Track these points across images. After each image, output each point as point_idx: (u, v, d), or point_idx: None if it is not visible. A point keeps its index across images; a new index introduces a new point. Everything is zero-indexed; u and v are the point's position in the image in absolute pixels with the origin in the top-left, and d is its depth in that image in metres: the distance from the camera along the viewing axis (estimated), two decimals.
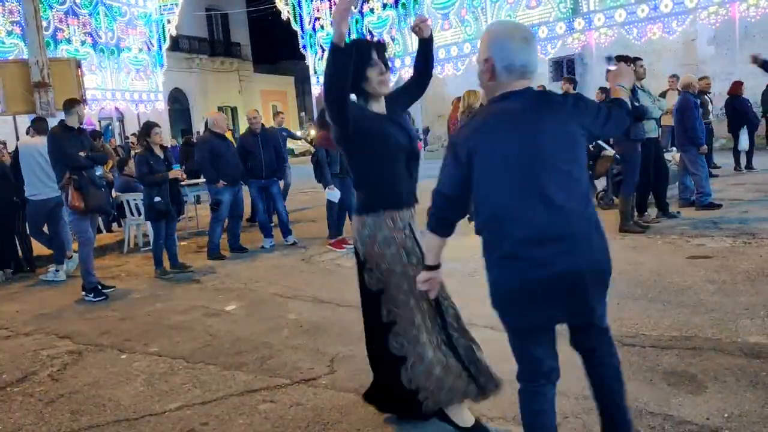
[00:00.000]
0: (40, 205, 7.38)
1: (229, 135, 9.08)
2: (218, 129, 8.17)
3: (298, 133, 25.40)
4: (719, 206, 7.95)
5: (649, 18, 16.63)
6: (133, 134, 19.23)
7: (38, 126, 7.80)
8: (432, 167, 10.86)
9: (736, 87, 11.61)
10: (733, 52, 16.22)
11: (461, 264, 6.31)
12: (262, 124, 8.66)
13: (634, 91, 7.08)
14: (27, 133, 8.40)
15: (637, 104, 6.92)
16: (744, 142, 11.40)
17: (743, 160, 11.61)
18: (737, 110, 11.22)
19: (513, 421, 3.05)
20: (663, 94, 11.00)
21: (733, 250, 5.94)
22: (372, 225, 2.86)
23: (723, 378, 3.32)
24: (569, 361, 3.69)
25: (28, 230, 7.80)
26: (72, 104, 6.59)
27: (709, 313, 4.32)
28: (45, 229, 7.70)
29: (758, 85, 14.16)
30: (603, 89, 11.59)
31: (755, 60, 7.86)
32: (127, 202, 8.97)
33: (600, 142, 8.91)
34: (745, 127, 11.28)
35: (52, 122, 7.66)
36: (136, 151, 8.66)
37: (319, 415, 3.35)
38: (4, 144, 10.17)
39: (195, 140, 13.51)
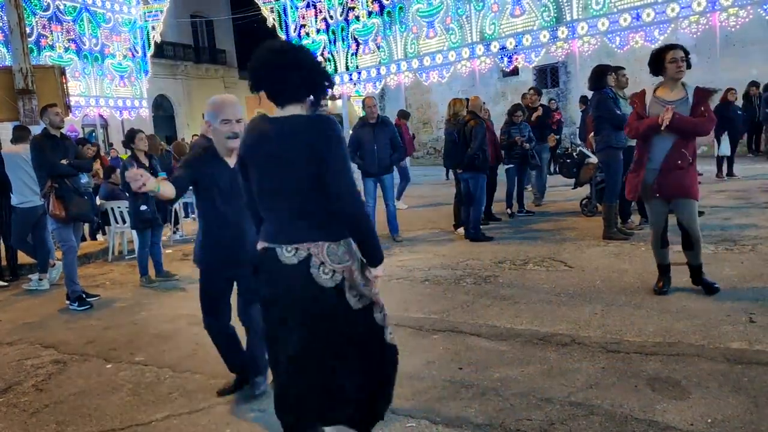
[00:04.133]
0: (28, 213, 7.30)
1: None
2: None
3: None
4: (701, 213, 8.01)
5: (631, 27, 16.82)
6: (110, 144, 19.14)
7: (17, 134, 7.72)
8: (417, 173, 10.79)
9: (727, 94, 11.80)
10: (714, 60, 16.43)
11: (449, 271, 6.35)
12: None
13: (616, 100, 7.16)
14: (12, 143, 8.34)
15: (619, 112, 7.00)
16: (724, 149, 11.54)
17: (725, 168, 11.76)
18: (725, 117, 11.37)
19: (500, 428, 3.07)
20: None
21: (715, 257, 6.02)
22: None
23: (706, 384, 3.36)
24: (554, 367, 3.73)
25: (11, 239, 7.68)
26: (42, 111, 6.56)
27: (692, 320, 4.37)
28: (29, 238, 7.60)
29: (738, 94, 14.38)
30: (584, 98, 11.73)
31: None
32: (112, 210, 8.91)
33: (583, 149, 9.02)
34: (726, 133, 11.42)
35: (36, 130, 7.60)
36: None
37: None
38: None
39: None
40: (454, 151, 8.17)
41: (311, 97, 2.49)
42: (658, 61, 4.81)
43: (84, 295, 6.45)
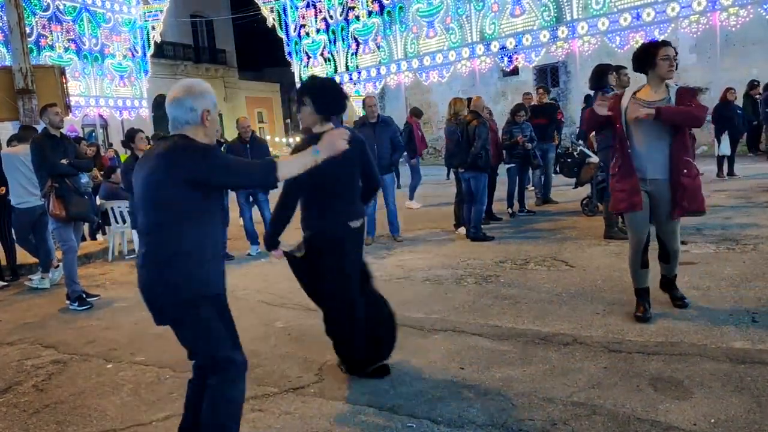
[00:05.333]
0: (26, 214, 7.29)
1: None
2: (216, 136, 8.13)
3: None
4: (702, 213, 8.02)
5: (631, 26, 16.85)
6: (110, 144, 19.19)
7: (21, 134, 7.72)
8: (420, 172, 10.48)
9: (727, 93, 11.78)
10: (714, 59, 16.44)
11: (449, 271, 6.34)
12: (252, 131, 8.64)
13: None
14: (8, 144, 8.35)
15: None
16: (725, 148, 11.53)
17: (725, 167, 11.75)
18: (725, 117, 11.34)
19: (502, 428, 3.06)
20: None
21: (716, 257, 6.01)
22: None
23: (709, 384, 3.35)
24: (556, 367, 3.72)
25: (14, 238, 7.68)
26: (42, 111, 6.56)
27: (694, 319, 4.36)
28: (30, 237, 7.60)
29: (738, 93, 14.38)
30: (588, 97, 11.71)
31: None
32: (112, 209, 8.90)
33: (584, 149, 9.00)
34: (726, 132, 11.41)
35: (36, 129, 7.60)
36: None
37: (307, 423, 3.34)
38: None
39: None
40: (457, 150, 8.15)
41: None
42: (646, 57, 4.37)
43: (84, 295, 6.44)
